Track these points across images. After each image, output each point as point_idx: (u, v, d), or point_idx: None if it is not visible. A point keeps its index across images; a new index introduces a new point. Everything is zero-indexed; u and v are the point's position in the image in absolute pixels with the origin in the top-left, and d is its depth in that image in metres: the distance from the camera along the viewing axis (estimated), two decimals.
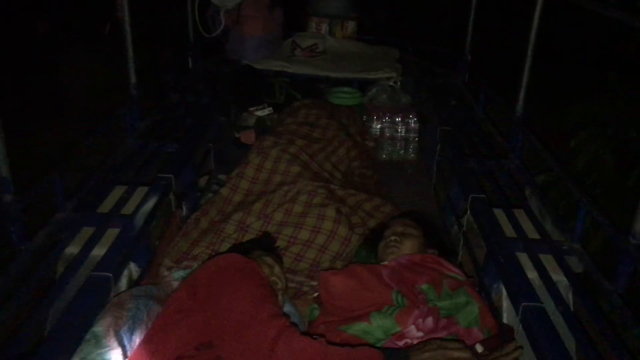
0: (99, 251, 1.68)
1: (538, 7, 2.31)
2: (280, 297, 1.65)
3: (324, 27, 4.08)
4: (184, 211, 2.34)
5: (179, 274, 1.88)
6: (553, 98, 3.63)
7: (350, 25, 4.11)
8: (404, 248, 1.92)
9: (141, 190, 2.02)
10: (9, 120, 1.60)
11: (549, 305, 1.56)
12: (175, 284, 1.82)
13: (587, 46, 4.37)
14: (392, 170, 3.08)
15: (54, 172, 1.80)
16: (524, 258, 1.79)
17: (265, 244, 1.97)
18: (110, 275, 1.55)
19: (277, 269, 1.71)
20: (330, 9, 4.10)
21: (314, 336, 1.41)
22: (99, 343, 1.37)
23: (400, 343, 1.62)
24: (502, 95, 2.86)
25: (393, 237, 1.94)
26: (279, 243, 2.15)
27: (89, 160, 2.17)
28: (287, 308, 1.73)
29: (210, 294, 1.37)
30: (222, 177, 2.74)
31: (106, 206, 1.93)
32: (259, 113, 3.28)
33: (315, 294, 2.05)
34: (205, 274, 1.44)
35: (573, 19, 3.36)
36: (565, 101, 3.13)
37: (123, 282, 1.76)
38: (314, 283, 2.08)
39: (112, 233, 1.77)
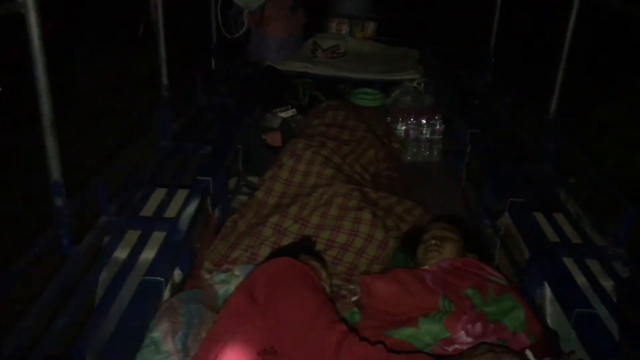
0: (146, 255, 1.68)
1: (574, 9, 2.30)
2: None
3: (345, 28, 4.08)
4: (217, 213, 2.33)
5: (220, 277, 1.87)
6: (576, 100, 3.63)
7: (371, 26, 4.10)
8: (444, 252, 1.92)
9: (181, 193, 2.02)
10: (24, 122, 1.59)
11: (602, 311, 1.56)
12: (217, 287, 1.81)
13: (611, 47, 4.37)
14: (417, 172, 3.07)
15: (99, 176, 1.79)
16: (569, 263, 1.78)
17: (306, 248, 1.97)
18: (162, 280, 1.55)
19: (324, 274, 1.70)
20: (350, 10, 4.10)
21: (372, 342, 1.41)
22: (158, 349, 1.37)
23: (450, 349, 1.61)
24: (526, 97, 2.87)
25: (433, 241, 1.94)
26: (317, 247, 2.15)
27: (126, 162, 2.17)
28: None
29: (270, 299, 1.37)
30: (251, 178, 2.73)
31: (148, 209, 1.93)
32: (283, 114, 3.27)
33: (354, 298, 2.05)
34: (263, 278, 1.44)
35: (599, 20, 3.36)
36: (589, 103, 3.13)
37: (167, 287, 1.75)
38: (352, 287, 2.07)
39: (157, 237, 1.77)
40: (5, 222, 2.95)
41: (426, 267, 1.90)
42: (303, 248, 1.97)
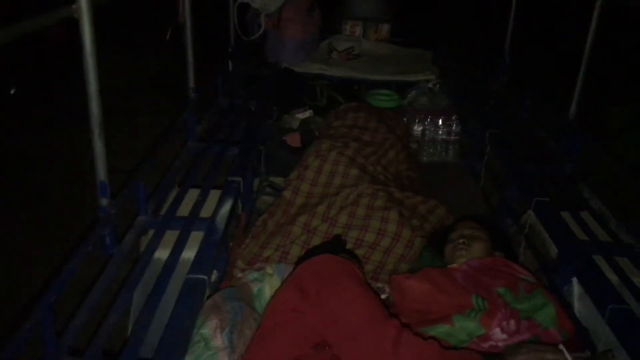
0: (186, 254, 1.71)
1: (596, 10, 2.34)
2: None
3: (358, 30, 4.12)
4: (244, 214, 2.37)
5: (253, 275, 1.91)
6: (593, 101, 3.67)
7: (384, 28, 4.14)
8: (472, 251, 1.95)
9: (214, 193, 2.05)
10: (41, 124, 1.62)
11: (635, 308, 1.59)
12: (251, 285, 1.85)
13: (630, 49, 4.41)
14: (435, 172, 3.10)
15: (138, 177, 1.83)
16: (599, 260, 1.82)
17: (338, 247, 2.00)
18: (205, 277, 1.58)
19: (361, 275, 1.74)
20: (364, 12, 4.13)
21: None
22: (208, 344, 1.41)
23: (486, 345, 1.65)
24: (543, 98, 2.90)
25: (461, 240, 1.97)
26: (347, 245, 2.18)
27: (157, 163, 2.20)
28: None
29: (322, 294, 1.40)
30: (273, 179, 2.77)
31: (183, 209, 1.97)
32: (300, 115, 3.31)
33: (383, 296, 2.09)
34: (309, 274, 1.46)
35: (616, 22, 3.40)
36: (607, 104, 3.17)
37: None
38: (380, 285, 2.10)
39: (194, 236, 1.81)
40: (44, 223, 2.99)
41: (455, 265, 1.94)
42: (336, 246, 2.00)
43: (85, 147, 1.65)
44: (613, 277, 1.74)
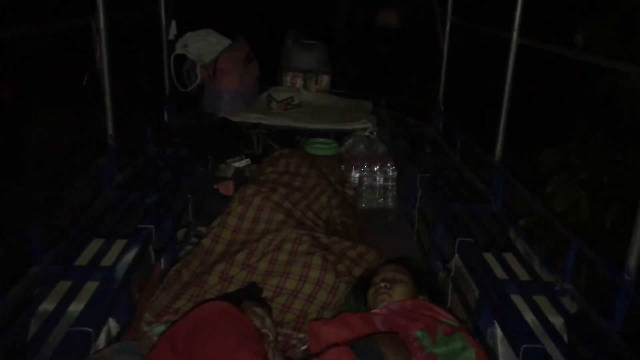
0: (77, 306, 1.58)
1: (512, 54, 2.39)
2: (270, 352, 1.57)
3: (299, 82, 4.15)
4: (163, 264, 2.25)
5: (161, 328, 1.78)
6: (525, 144, 3.73)
7: (324, 80, 4.18)
8: (394, 294, 1.88)
9: (120, 243, 1.94)
10: None
11: (549, 346, 1.53)
12: (157, 339, 1.72)
13: (558, 92, 4.56)
14: (373, 218, 3.06)
15: (31, 224, 1.71)
16: (517, 300, 1.76)
17: (252, 295, 1.90)
18: (91, 330, 1.46)
19: (267, 321, 1.64)
20: (304, 64, 4.18)
21: None
22: None
23: None
24: (475, 142, 2.93)
25: (383, 284, 1.90)
26: (265, 294, 2.08)
27: (66, 212, 2.09)
28: None
29: (190, 346, 1.31)
30: (201, 228, 2.66)
31: (84, 259, 1.84)
32: (237, 164, 3.26)
33: (304, 347, 1.98)
34: (184, 326, 1.38)
35: (545, 65, 3.52)
36: (538, 147, 3.21)
37: (102, 339, 1.65)
38: (302, 335, 2.00)
39: (90, 287, 1.68)
40: None
41: (376, 310, 1.86)
42: (249, 295, 1.90)
43: None
44: (530, 316, 1.68)
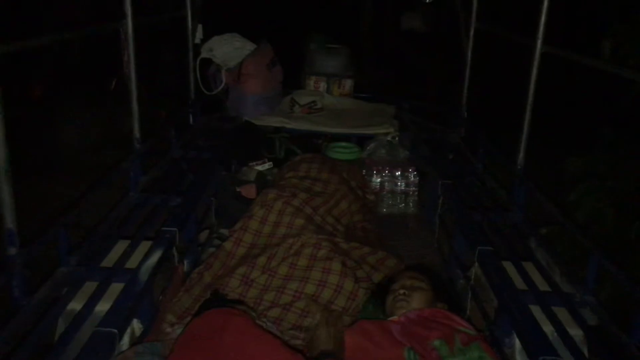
0: (102, 306, 1.63)
1: (535, 62, 2.38)
2: None
3: (322, 85, 4.17)
4: (186, 266, 2.29)
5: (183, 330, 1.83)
6: (549, 152, 3.70)
7: (348, 84, 4.20)
8: (413, 302, 1.89)
9: (145, 245, 1.99)
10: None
11: (568, 359, 1.52)
12: None
13: (584, 100, 4.51)
14: (393, 224, 3.06)
15: (58, 225, 1.77)
16: (536, 311, 1.76)
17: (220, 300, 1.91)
18: (116, 331, 1.50)
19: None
20: (327, 68, 4.20)
21: None
22: None
23: None
24: (499, 150, 2.92)
25: (402, 291, 1.91)
26: (284, 298, 2.10)
27: (92, 214, 2.15)
28: None
29: (203, 349, 1.34)
30: (223, 231, 2.70)
31: (110, 260, 1.90)
32: (259, 167, 3.29)
33: None
34: (195, 333, 1.42)
35: (572, 73, 3.49)
36: (563, 155, 3.18)
37: (125, 340, 1.70)
38: None
39: (116, 288, 1.73)
40: None
41: (394, 317, 1.87)
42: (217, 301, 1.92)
43: None
44: (549, 328, 1.67)
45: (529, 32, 2.49)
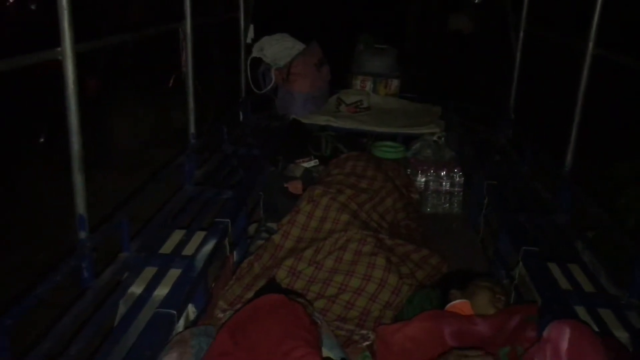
0: (161, 291, 1.74)
1: (586, 65, 2.37)
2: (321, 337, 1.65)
3: (368, 85, 4.23)
4: (235, 256, 2.40)
5: None
6: (597, 155, 3.64)
7: (394, 84, 4.24)
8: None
9: (199, 235, 2.10)
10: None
11: None
12: None
13: (634, 103, 4.40)
14: (437, 223, 3.09)
15: (121, 214, 1.89)
16: (581, 312, 1.77)
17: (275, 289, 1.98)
18: (174, 312, 1.60)
19: (311, 309, 1.74)
20: (374, 68, 4.25)
21: None
22: None
23: None
24: (546, 152, 2.90)
25: (499, 294, 1.92)
26: (330, 290, 2.18)
27: (151, 205, 2.27)
28: (338, 355, 1.73)
29: (246, 336, 1.42)
30: (270, 224, 2.80)
31: (167, 248, 2.01)
32: (306, 164, 3.37)
33: (366, 343, 2.06)
34: (243, 315, 1.50)
35: (621, 75, 3.42)
36: (610, 159, 3.13)
37: (181, 323, 1.80)
38: (364, 332, 2.08)
39: (173, 274, 1.84)
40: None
41: (475, 315, 1.86)
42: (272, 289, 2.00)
43: None
44: (593, 329, 1.68)
45: (581, 34, 2.48)
